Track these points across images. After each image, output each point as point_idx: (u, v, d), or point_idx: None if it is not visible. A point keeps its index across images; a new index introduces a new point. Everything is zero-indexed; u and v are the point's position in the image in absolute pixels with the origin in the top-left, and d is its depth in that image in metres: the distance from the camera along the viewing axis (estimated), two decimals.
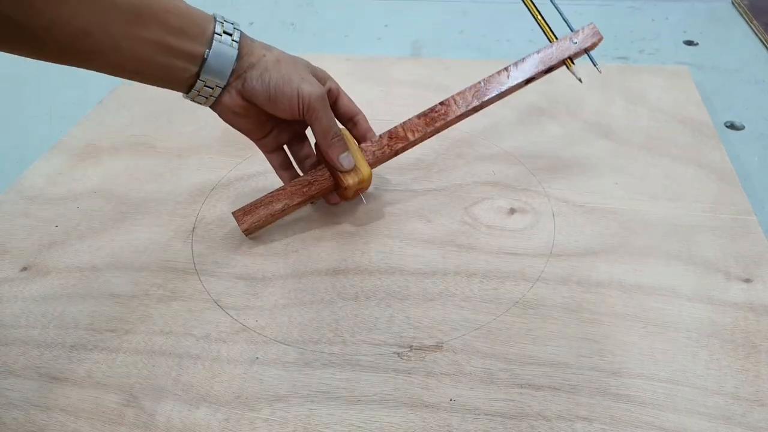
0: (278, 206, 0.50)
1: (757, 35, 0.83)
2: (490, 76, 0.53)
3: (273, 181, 0.57)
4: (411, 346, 0.42)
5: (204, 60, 0.43)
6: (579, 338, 0.42)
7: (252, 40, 0.46)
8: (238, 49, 0.44)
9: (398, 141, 0.51)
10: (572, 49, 0.53)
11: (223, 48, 0.43)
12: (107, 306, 0.46)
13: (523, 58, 0.53)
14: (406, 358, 0.41)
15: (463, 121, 0.53)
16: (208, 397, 0.39)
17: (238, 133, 0.48)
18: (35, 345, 0.43)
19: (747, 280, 0.45)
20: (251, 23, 0.90)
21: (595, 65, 0.53)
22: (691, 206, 0.52)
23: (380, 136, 0.51)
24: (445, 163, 0.58)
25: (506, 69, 0.53)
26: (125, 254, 0.50)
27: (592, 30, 0.53)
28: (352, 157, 0.48)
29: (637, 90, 0.68)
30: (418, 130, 0.51)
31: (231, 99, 0.45)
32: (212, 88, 0.44)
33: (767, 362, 0.40)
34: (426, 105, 0.52)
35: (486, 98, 0.52)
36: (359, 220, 0.53)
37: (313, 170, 0.50)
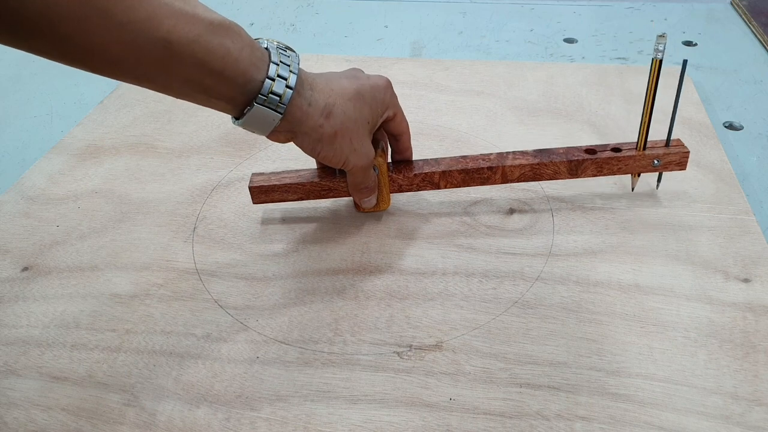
0: (292, 197, 0.51)
1: (755, 36, 0.83)
2: (547, 149, 0.51)
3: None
4: (411, 346, 0.42)
5: (244, 112, 0.40)
6: (578, 338, 0.42)
7: (310, 101, 0.41)
8: (285, 113, 0.40)
9: (429, 185, 0.51)
10: (648, 168, 0.51)
11: (265, 113, 0.40)
12: (108, 306, 0.46)
13: (595, 150, 0.50)
14: (405, 357, 0.41)
15: (463, 121, 0.53)
16: (209, 397, 0.39)
17: (239, 133, 0.49)
18: (36, 344, 0.43)
19: (745, 280, 0.45)
20: (251, 24, 0.90)
21: (657, 185, 0.53)
22: (689, 206, 0.52)
23: (415, 174, 0.50)
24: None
25: (570, 150, 0.51)
26: (126, 254, 0.50)
27: (680, 155, 0.50)
28: (374, 200, 0.50)
29: (637, 90, 0.69)
30: (453, 183, 0.51)
31: (277, 136, 0.43)
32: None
33: (766, 362, 0.40)
34: (426, 105, 0.52)
35: (538, 177, 0.51)
36: (359, 220, 0.53)
37: (336, 179, 0.50)
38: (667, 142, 0.51)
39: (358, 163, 0.46)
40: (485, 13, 0.92)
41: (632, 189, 0.53)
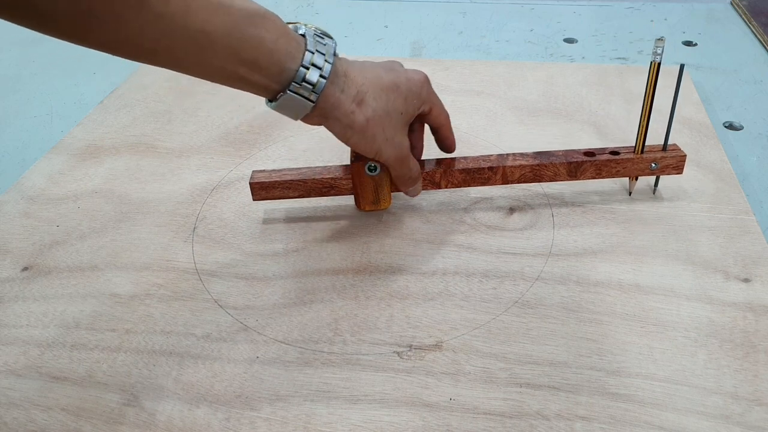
0: (293, 194, 0.51)
1: (755, 35, 0.83)
2: (547, 152, 0.51)
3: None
4: (411, 346, 0.42)
5: (277, 98, 0.41)
6: (578, 338, 0.42)
7: (342, 88, 0.41)
8: (318, 101, 0.41)
9: (430, 184, 0.51)
10: (646, 172, 0.51)
11: (297, 101, 0.40)
12: (108, 306, 0.46)
13: (593, 153, 0.51)
14: (405, 357, 0.41)
15: (463, 121, 0.53)
16: (209, 397, 0.39)
17: (239, 133, 0.49)
18: (36, 344, 0.43)
19: (746, 280, 0.45)
20: None
21: (653, 189, 0.54)
22: (689, 206, 0.52)
23: None
24: None
25: (569, 153, 0.51)
26: (126, 254, 0.50)
27: (677, 159, 0.51)
28: (419, 188, 0.50)
29: (637, 90, 0.69)
30: (453, 183, 0.51)
31: (309, 120, 0.43)
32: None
33: (766, 362, 0.40)
34: None
35: (538, 178, 0.51)
36: (359, 220, 0.53)
37: (338, 177, 0.50)
38: (664, 147, 0.51)
39: (392, 154, 0.45)
40: (485, 13, 0.92)
41: (629, 193, 0.53)
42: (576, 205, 0.53)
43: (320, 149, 0.61)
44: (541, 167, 0.50)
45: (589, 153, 0.51)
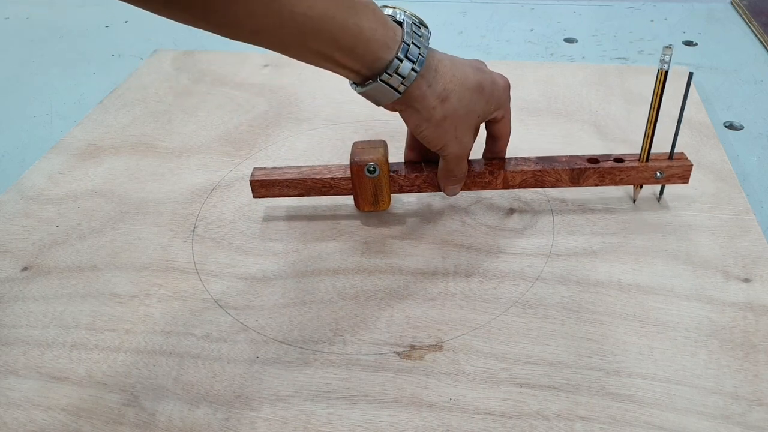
0: (293, 192, 0.51)
1: (756, 35, 0.83)
2: (549, 157, 0.51)
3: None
4: (411, 346, 0.42)
5: (366, 84, 0.41)
6: (578, 338, 0.42)
7: (430, 82, 0.42)
8: (405, 92, 0.41)
9: (430, 187, 0.51)
10: (650, 180, 0.50)
11: (385, 90, 0.41)
12: (108, 306, 0.46)
13: (597, 159, 0.50)
14: (405, 357, 0.41)
15: None
16: (209, 397, 0.39)
17: (239, 133, 0.49)
18: (36, 344, 0.43)
19: (746, 280, 0.45)
20: None
21: (658, 197, 0.53)
22: (690, 206, 0.52)
23: (416, 175, 0.50)
24: None
25: (573, 159, 0.50)
26: (126, 254, 0.50)
27: (683, 169, 0.50)
28: (458, 189, 0.50)
29: (637, 90, 0.69)
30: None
31: (390, 106, 0.44)
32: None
33: (766, 362, 0.40)
34: None
35: (539, 183, 0.50)
36: (359, 220, 0.53)
37: (338, 177, 0.50)
38: (671, 155, 0.50)
39: (455, 152, 0.46)
40: (485, 13, 0.92)
41: (634, 201, 0.53)
42: (576, 205, 0.53)
43: (320, 149, 0.61)
44: (543, 173, 0.50)
45: (593, 160, 0.50)
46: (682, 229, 0.50)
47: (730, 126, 0.65)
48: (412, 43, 0.41)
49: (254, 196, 0.51)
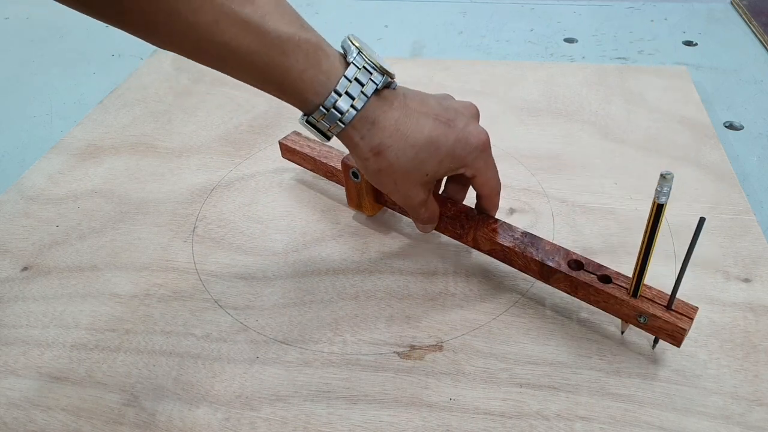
0: (307, 166, 0.55)
1: (756, 35, 0.83)
2: (534, 237, 0.43)
3: (274, 180, 0.58)
4: (411, 346, 0.42)
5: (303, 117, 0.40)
6: (578, 338, 0.42)
7: (363, 134, 0.39)
8: (334, 137, 0.40)
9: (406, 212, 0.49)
10: (631, 320, 0.39)
11: (314, 131, 0.39)
12: (108, 306, 0.46)
13: (582, 263, 0.41)
14: (405, 357, 0.41)
15: None
16: (209, 397, 0.39)
17: (239, 133, 0.49)
18: (36, 345, 0.43)
19: (746, 280, 0.45)
20: None
21: (652, 345, 0.41)
22: (690, 206, 0.52)
23: None
24: None
25: (553, 248, 0.42)
26: (126, 254, 0.50)
27: (673, 327, 0.37)
28: (431, 228, 0.46)
29: (637, 90, 0.68)
30: (439, 227, 0.47)
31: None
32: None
33: (766, 362, 0.40)
34: None
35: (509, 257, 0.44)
36: (359, 220, 0.53)
37: (338, 168, 0.51)
38: (670, 303, 0.38)
39: (401, 201, 0.43)
40: (485, 13, 0.92)
41: (622, 332, 0.42)
42: (576, 205, 0.53)
43: None
44: (513, 253, 0.43)
45: (577, 263, 0.41)
46: (682, 229, 0.50)
47: (730, 126, 0.65)
48: (346, 92, 0.38)
49: (282, 156, 0.57)
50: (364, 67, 0.38)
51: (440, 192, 0.49)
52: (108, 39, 0.88)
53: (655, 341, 0.41)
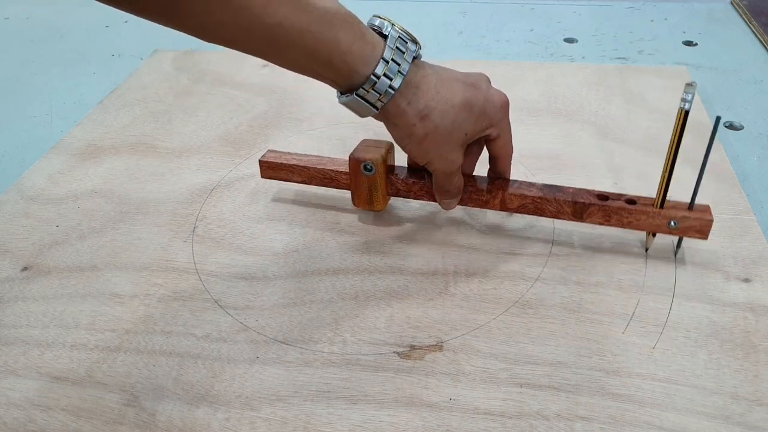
0: (296, 178, 0.53)
1: (756, 35, 0.83)
2: (556, 186, 0.48)
3: (274, 180, 0.58)
4: (411, 346, 0.42)
5: (347, 95, 0.41)
6: (578, 338, 0.42)
7: (410, 99, 0.41)
8: (383, 108, 0.41)
9: (426, 195, 0.50)
10: (662, 229, 0.45)
11: (362, 104, 0.41)
12: (108, 306, 0.46)
13: (607, 196, 0.46)
14: (405, 357, 0.41)
15: None
16: (209, 397, 0.39)
17: (239, 133, 0.49)
18: (36, 344, 0.43)
19: (746, 280, 0.45)
20: None
21: (675, 250, 0.47)
22: None
23: (413, 181, 0.49)
24: None
25: (576, 191, 0.47)
26: (126, 254, 0.50)
27: (701, 222, 0.44)
28: (455, 203, 0.48)
29: (637, 90, 0.68)
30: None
31: (375, 118, 0.44)
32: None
33: (766, 362, 0.40)
34: None
35: (539, 209, 0.48)
36: (359, 220, 0.53)
37: (339, 171, 0.50)
38: (691, 204, 0.45)
39: (441, 168, 0.45)
40: (485, 13, 0.92)
41: (646, 249, 0.48)
42: None
43: (320, 149, 0.61)
44: (544, 201, 0.47)
45: (602, 196, 0.46)
46: None
47: (730, 126, 0.65)
48: (392, 59, 0.40)
49: (262, 176, 0.53)
50: (399, 37, 0.41)
51: None
52: (108, 39, 0.88)
53: (678, 245, 0.47)
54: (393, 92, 0.40)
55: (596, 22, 0.88)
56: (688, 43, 0.81)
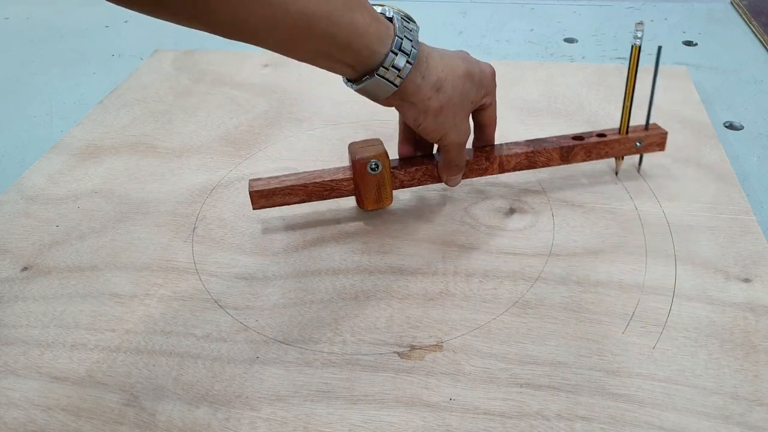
0: (294, 199, 0.50)
1: (756, 35, 0.83)
2: (539, 139, 0.53)
3: None
4: (411, 346, 0.42)
5: (362, 80, 0.42)
6: (578, 338, 0.42)
7: (424, 74, 0.43)
8: (401, 86, 0.42)
9: (429, 179, 0.52)
10: (631, 151, 0.54)
11: (382, 84, 0.42)
12: (108, 306, 0.46)
13: (582, 137, 0.53)
14: (405, 357, 0.41)
15: None
16: (209, 397, 0.39)
17: (239, 133, 0.49)
18: (36, 344, 0.43)
19: (746, 280, 0.45)
20: None
21: (638, 168, 0.56)
22: (690, 206, 0.52)
23: (416, 168, 0.51)
24: None
25: (560, 138, 0.53)
26: (126, 254, 0.50)
27: (659, 136, 0.54)
28: (459, 179, 0.51)
29: (636, 90, 0.68)
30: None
31: (387, 102, 0.45)
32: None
33: (766, 362, 0.40)
34: None
35: (532, 164, 0.53)
36: (359, 220, 0.53)
37: (338, 178, 0.50)
38: (646, 126, 0.54)
39: (455, 140, 0.47)
40: (485, 13, 0.92)
41: (616, 173, 0.56)
42: (576, 205, 0.53)
43: (320, 149, 0.61)
44: (535, 154, 0.52)
45: (578, 137, 0.53)
46: (682, 229, 0.50)
47: (730, 126, 0.65)
48: (405, 36, 0.42)
49: (254, 208, 0.50)
50: (402, 17, 0.43)
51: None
52: (108, 39, 0.88)
53: (640, 162, 0.56)
54: (411, 66, 0.42)
55: (596, 22, 0.88)
56: (688, 43, 0.81)
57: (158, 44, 0.84)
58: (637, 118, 0.53)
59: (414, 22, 0.44)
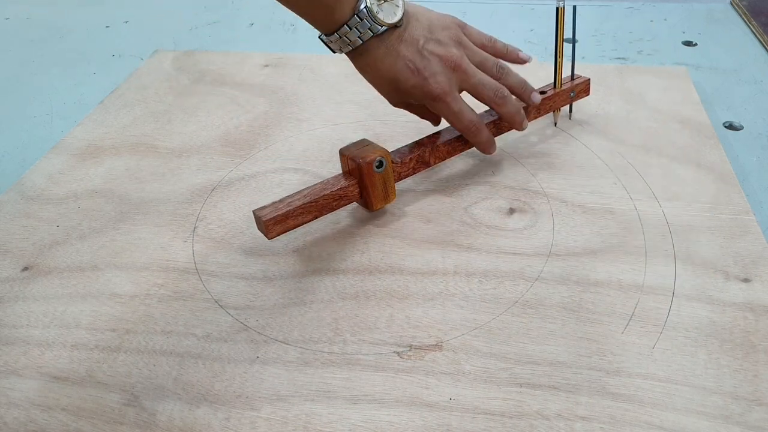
0: (308, 218, 0.48)
1: (755, 36, 0.83)
2: (489, 110, 0.57)
3: (274, 180, 0.58)
4: (411, 346, 0.42)
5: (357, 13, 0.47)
6: (578, 338, 0.42)
7: (417, 17, 0.51)
8: (402, 23, 0.49)
9: (422, 165, 0.54)
10: (567, 101, 0.62)
11: (388, 8, 0.48)
12: (108, 306, 0.46)
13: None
14: (405, 357, 0.41)
15: None
16: (209, 397, 0.39)
17: (239, 133, 0.49)
18: (36, 344, 0.43)
19: (746, 280, 0.46)
20: (252, 24, 0.90)
21: (569, 116, 0.64)
22: (689, 206, 0.52)
23: (410, 158, 0.53)
24: (445, 163, 0.58)
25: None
26: (126, 254, 0.50)
27: (585, 83, 0.62)
28: (489, 135, 0.55)
29: (636, 90, 0.69)
30: (440, 157, 0.55)
31: (374, 55, 0.50)
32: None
33: (766, 362, 0.40)
34: None
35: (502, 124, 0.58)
36: (359, 220, 0.53)
37: (344, 185, 0.49)
38: (572, 76, 0.62)
39: (437, 90, 0.50)
40: (485, 13, 0.92)
41: (555, 124, 0.63)
42: (576, 205, 0.53)
43: (320, 149, 0.62)
44: (502, 121, 0.57)
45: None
46: (682, 229, 0.50)
47: (730, 126, 0.65)
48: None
49: (270, 237, 0.47)
50: None
51: None
52: (108, 39, 0.88)
53: (570, 110, 0.64)
54: (378, 28, 0.47)
55: (596, 22, 0.88)
56: (688, 44, 0.81)
57: (158, 44, 0.84)
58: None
59: None
